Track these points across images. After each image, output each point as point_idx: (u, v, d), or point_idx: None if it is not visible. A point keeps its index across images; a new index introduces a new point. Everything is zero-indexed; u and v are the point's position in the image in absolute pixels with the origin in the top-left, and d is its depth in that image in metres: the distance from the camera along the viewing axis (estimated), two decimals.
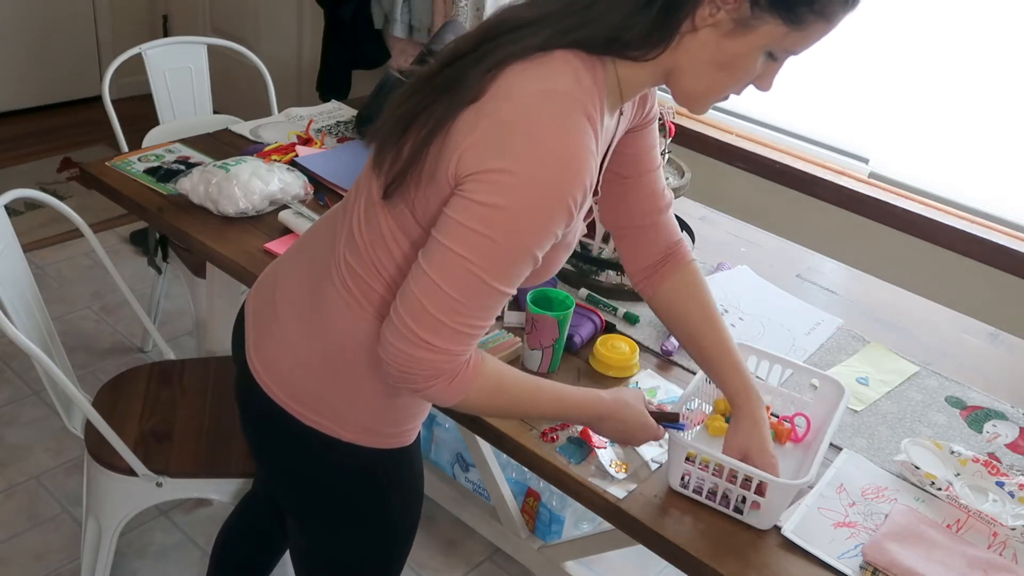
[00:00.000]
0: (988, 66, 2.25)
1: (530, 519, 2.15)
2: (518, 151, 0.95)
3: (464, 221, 0.97)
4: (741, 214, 2.25)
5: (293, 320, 1.18)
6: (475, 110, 0.98)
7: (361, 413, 1.18)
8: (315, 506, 1.28)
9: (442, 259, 0.98)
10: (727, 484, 1.24)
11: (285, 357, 1.18)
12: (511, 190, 0.95)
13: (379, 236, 1.09)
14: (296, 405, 1.18)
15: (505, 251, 0.98)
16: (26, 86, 4.20)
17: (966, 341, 1.80)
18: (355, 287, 1.12)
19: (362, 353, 1.13)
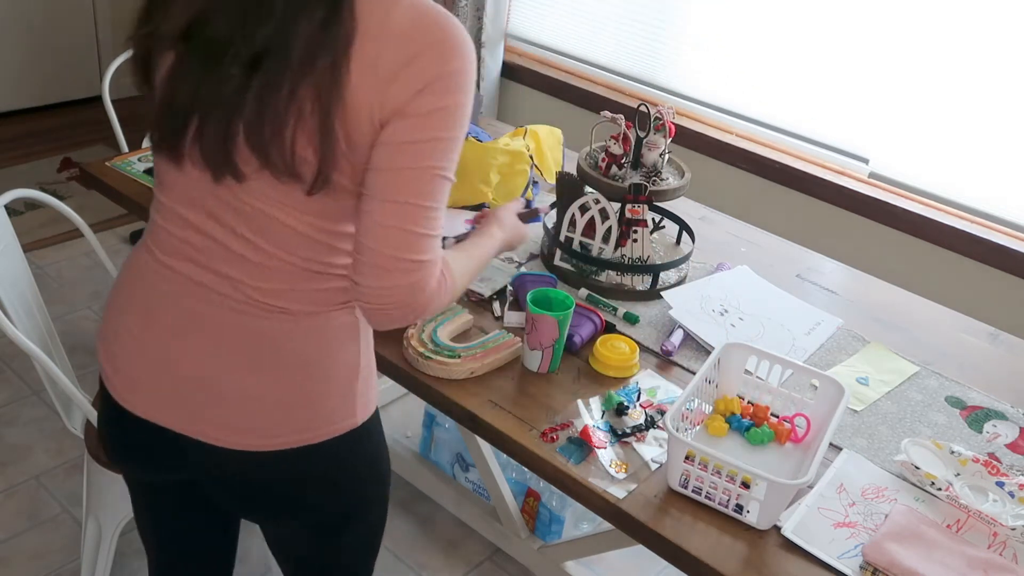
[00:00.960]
0: (988, 66, 2.26)
1: (530, 519, 2.15)
2: (439, 50, 0.98)
3: (423, 137, 0.99)
4: (741, 214, 2.25)
5: (245, 376, 1.10)
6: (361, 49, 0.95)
7: (362, 391, 1.18)
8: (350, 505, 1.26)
9: (415, 181, 1.00)
10: (726, 483, 1.24)
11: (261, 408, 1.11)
12: (455, 87, 0.99)
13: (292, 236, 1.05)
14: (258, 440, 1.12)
15: (459, 141, 1.02)
16: (26, 86, 4.20)
17: (966, 341, 1.80)
18: (267, 300, 1.08)
19: (337, 347, 1.14)
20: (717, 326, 1.67)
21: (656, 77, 2.96)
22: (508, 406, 1.42)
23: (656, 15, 2.88)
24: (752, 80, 2.73)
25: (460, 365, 1.46)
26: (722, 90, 2.81)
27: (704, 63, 2.82)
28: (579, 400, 1.46)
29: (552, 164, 2.17)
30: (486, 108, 3.21)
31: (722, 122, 2.83)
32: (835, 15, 2.47)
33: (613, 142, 1.80)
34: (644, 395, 1.49)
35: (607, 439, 1.38)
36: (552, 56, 3.23)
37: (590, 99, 3.00)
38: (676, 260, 1.82)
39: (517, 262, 1.84)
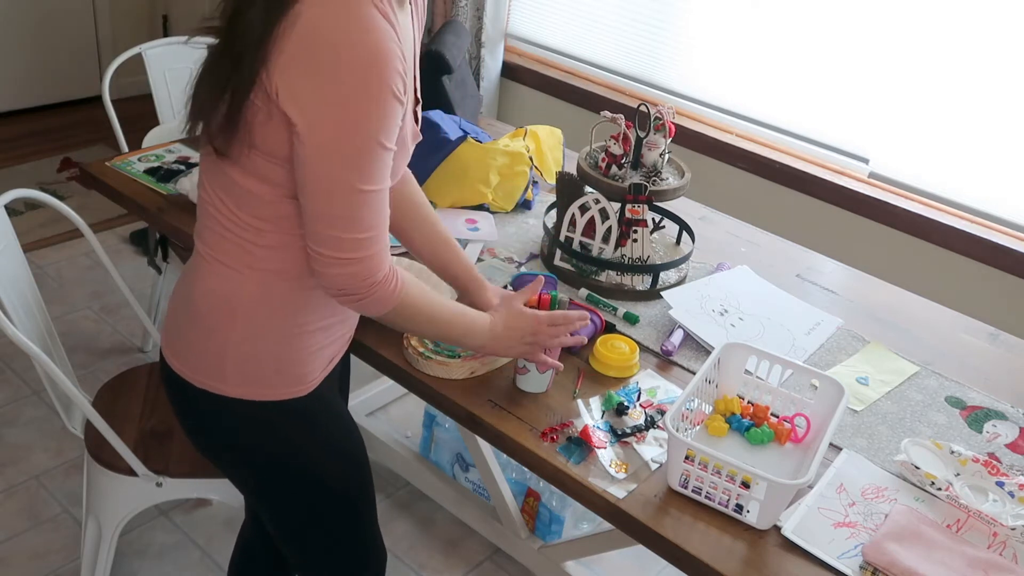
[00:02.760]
0: (988, 66, 2.26)
1: (530, 519, 2.15)
2: (332, 66, 1.04)
3: (313, 151, 1.08)
4: (741, 214, 2.25)
5: (176, 294, 1.31)
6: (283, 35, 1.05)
7: (236, 364, 1.23)
8: (247, 480, 1.36)
9: (316, 190, 1.10)
10: (726, 483, 1.24)
11: (170, 323, 1.30)
12: (342, 102, 1.05)
13: (225, 189, 1.19)
14: (182, 366, 1.27)
15: (358, 155, 1.09)
16: (26, 86, 4.20)
17: (966, 341, 1.80)
18: (210, 248, 1.22)
19: (215, 303, 1.22)
20: (717, 326, 1.67)
21: (656, 77, 2.96)
22: (508, 406, 1.42)
23: (656, 15, 2.88)
24: (752, 80, 2.72)
25: (460, 365, 1.46)
26: (722, 90, 2.81)
27: (704, 63, 2.82)
28: (579, 400, 1.46)
29: (552, 164, 2.17)
30: (486, 108, 3.21)
31: (722, 122, 2.83)
32: (835, 15, 2.47)
33: (613, 142, 1.80)
34: (644, 395, 1.49)
35: (607, 439, 1.38)
36: (552, 56, 3.23)
37: (590, 99, 3.00)
38: (676, 260, 1.82)
39: (517, 262, 1.84)
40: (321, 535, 1.40)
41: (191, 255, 1.29)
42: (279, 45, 1.05)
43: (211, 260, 1.23)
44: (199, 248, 1.25)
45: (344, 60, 1.04)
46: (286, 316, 1.24)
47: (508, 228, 1.97)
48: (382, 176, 1.13)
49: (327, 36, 1.04)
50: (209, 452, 1.38)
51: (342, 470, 1.37)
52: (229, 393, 1.25)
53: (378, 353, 1.50)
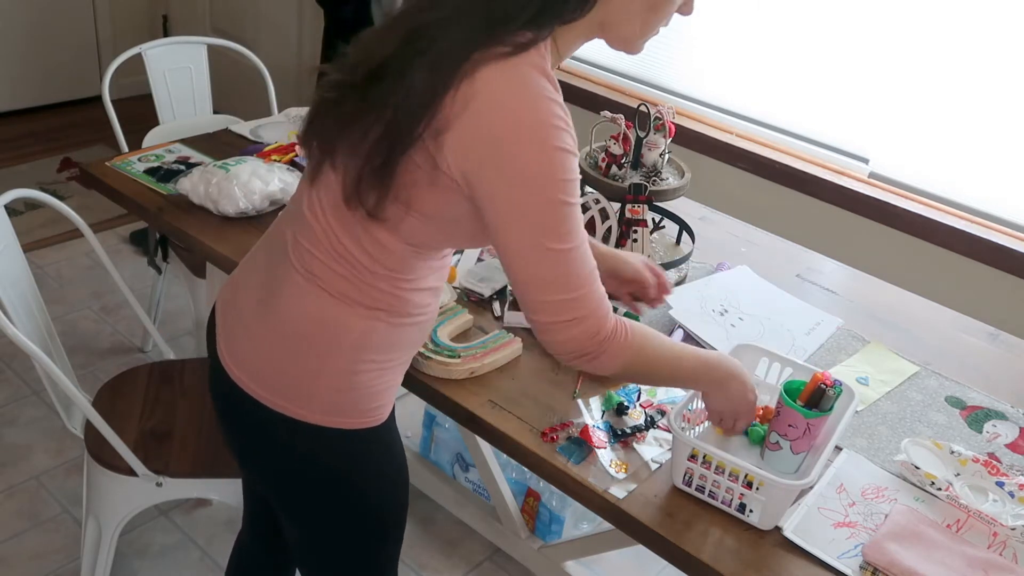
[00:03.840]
0: (988, 66, 2.25)
1: (530, 519, 2.15)
2: (511, 137, 1.03)
3: (498, 217, 1.06)
4: (741, 214, 2.25)
5: (250, 305, 1.23)
6: (460, 112, 1.02)
7: (324, 393, 1.20)
8: (298, 498, 1.30)
9: (512, 256, 1.08)
10: (729, 483, 1.24)
11: (246, 342, 1.23)
12: (520, 169, 1.03)
13: (348, 232, 1.14)
14: (259, 389, 1.21)
15: (543, 215, 1.06)
16: (26, 86, 4.20)
17: (966, 341, 1.80)
18: (317, 276, 1.17)
19: (318, 331, 1.18)
20: (717, 326, 1.67)
21: (656, 77, 2.96)
22: (508, 406, 1.42)
23: None
24: (752, 80, 2.72)
25: (460, 365, 1.46)
26: (722, 90, 2.81)
27: (704, 63, 2.82)
28: (579, 400, 1.46)
29: None
30: None
31: (722, 122, 2.83)
32: (835, 15, 2.47)
33: (613, 142, 1.80)
34: (644, 395, 1.49)
35: (607, 439, 1.38)
36: None
37: (590, 99, 3.00)
38: (676, 260, 1.82)
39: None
40: (353, 559, 1.38)
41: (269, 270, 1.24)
42: (447, 113, 1.03)
43: (317, 288, 1.17)
44: (300, 271, 1.18)
45: (522, 131, 1.03)
46: (381, 352, 1.22)
47: None
48: (575, 233, 1.08)
49: (505, 109, 1.03)
50: (264, 472, 1.32)
51: (393, 496, 1.35)
52: (310, 420, 1.21)
53: None
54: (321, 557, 1.37)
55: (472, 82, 1.02)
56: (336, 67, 1.14)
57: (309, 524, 1.33)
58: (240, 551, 1.65)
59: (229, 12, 4.12)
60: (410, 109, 1.03)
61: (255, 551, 1.62)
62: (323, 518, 1.31)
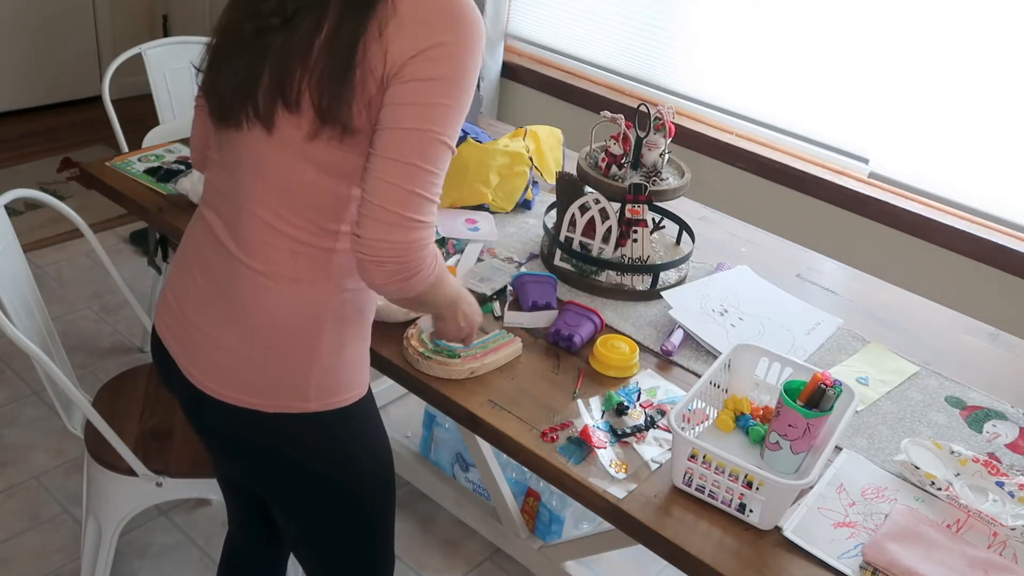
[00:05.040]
0: (988, 66, 2.26)
1: (530, 519, 2.15)
2: (448, 24, 1.05)
3: (422, 100, 1.06)
4: (741, 214, 2.25)
5: (210, 320, 1.21)
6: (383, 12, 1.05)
7: (318, 379, 1.20)
8: (302, 491, 1.30)
9: (415, 141, 1.07)
10: (729, 483, 1.24)
11: (221, 357, 1.20)
12: (450, 57, 1.06)
13: (296, 195, 1.13)
14: (251, 398, 1.19)
15: (459, 110, 1.09)
16: (26, 86, 4.20)
17: (966, 341, 1.80)
18: (276, 266, 1.16)
19: (298, 323, 1.18)
20: (717, 326, 1.67)
21: (656, 77, 2.96)
22: (508, 406, 1.42)
23: (656, 15, 2.88)
24: (752, 80, 2.72)
25: (460, 365, 1.46)
26: (722, 90, 2.81)
27: (704, 63, 2.82)
28: (579, 400, 1.46)
29: (552, 164, 2.17)
30: (486, 108, 3.21)
31: (722, 122, 2.83)
32: (835, 15, 2.47)
33: (613, 142, 1.80)
34: (644, 395, 1.49)
35: (607, 439, 1.38)
36: (552, 56, 3.23)
37: (590, 99, 3.00)
38: (676, 260, 1.82)
39: (517, 262, 1.84)
40: (361, 535, 1.39)
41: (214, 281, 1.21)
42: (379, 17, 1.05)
43: (283, 279, 1.16)
44: (255, 268, 1.16)
45: (460, 21, 1.06)
46: (356, 320, 1.23)
47: (508, 228, 1.97)
48: (456, 137, 1.12)
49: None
50: (264, 476, 1.30)
51: (387, 459, 1.36)
52: (308, 409, 1.20)
53: (378, 353, 1.50)
54: (328, 542, 1.37)
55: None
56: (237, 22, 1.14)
57: (315, 514, 1.33)
58: (233, 551, 1.65)
59: None
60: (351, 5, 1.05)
61: (250, 550, 1.62)
62: (329, 503, 1.32)
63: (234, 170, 1.17)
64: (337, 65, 1.06)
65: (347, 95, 1.07)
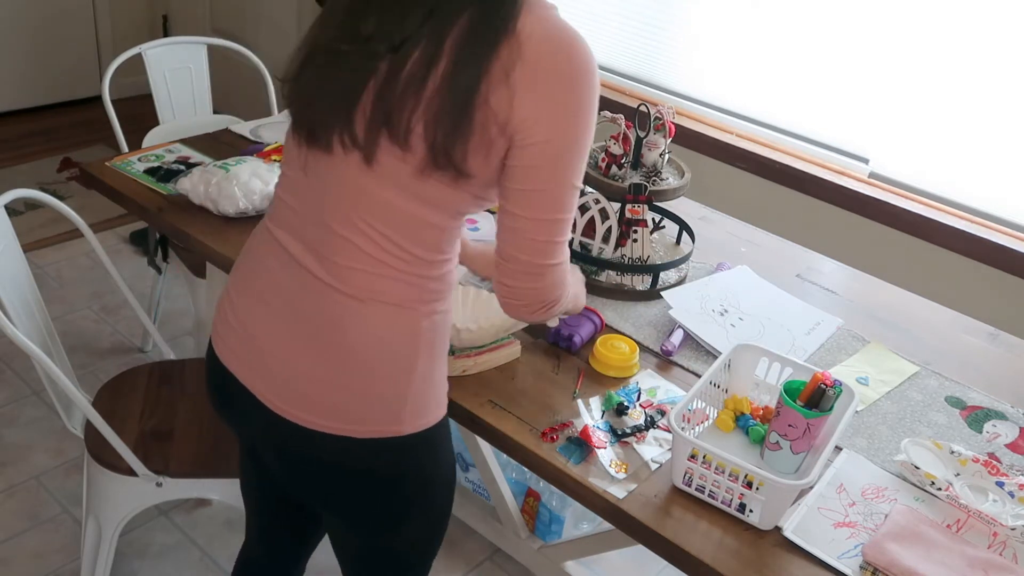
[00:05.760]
0: (988, 66, 2.25)
1: (530, 519, 2.15)
2: (577, 75, 1.04)
3: (555, 158, 1.06)
4: (741, 214, 2.25)
5: (296, 349, 1.16)
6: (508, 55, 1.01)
7: (413, 401, 1.17)
8: (384, 507, 1.25)
9: (552, 199, 1.08)
10: (729, 482, 1.24)
11: (307, 384, 1.16)
12: (574, 114, 1.05)
13: (396, 226, 1.10)
14: (344, 425, 1.16)
15: (587, 153, 1.10)
16: (26, 86, 4.20)
17: (966, 341, 1.80)
18: (370, 292, 1.12)
19: (396, 348, 1.14)
20: (717, 326, 1.67)
21: (656, 77, 2.96)
22: (508, 406, 1.42)
23: (656, 15, 2.88)
24: (752, 80, 2.72)
25: (452, 362, 1.46)
26: (722, 90, 2.81)
27: (704, 63, 2.82)
28: (579, 400, 1.46)
29: None
30: None
31: (722, 122, 2.83)
32: (835, 15, 2.47)
33: (613, 142, 1.80)
34: (644, 395, 1.49)
35: (607, 439, 1.38)
36: None
37: None
38: (676, 260, 1.82)
39: None
40: (420, 554, 1.37)
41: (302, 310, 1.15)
42: (503, 60, 1.02)
43: (380, 304, 1.13)
44: (349, 293, 1.12)
45: (588, 79, 1.05)
46: (443, 341, 1.21)
47: None
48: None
49: (561, 46, 1.03)
50: (360, 497, 1.24)
51: (455, 478, 1.34)
52: (405, 431, 1.18)
53: None
54: (397, 557, 1.35)
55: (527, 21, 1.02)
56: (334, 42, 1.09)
57: (391, 532, 1.29)
58: (249, 564, 1.60)
59: (229, 12, 4.12)
60: (469, 56, 1.01)
61: (270, 568, 1.58)
62: (409, 522, 1.28)
63: (323, 195, 1.13)
64: (456, 107, 1.02)
65: (464, 140, 1.03)
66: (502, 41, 1.01)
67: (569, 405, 1.44)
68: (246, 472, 1.47)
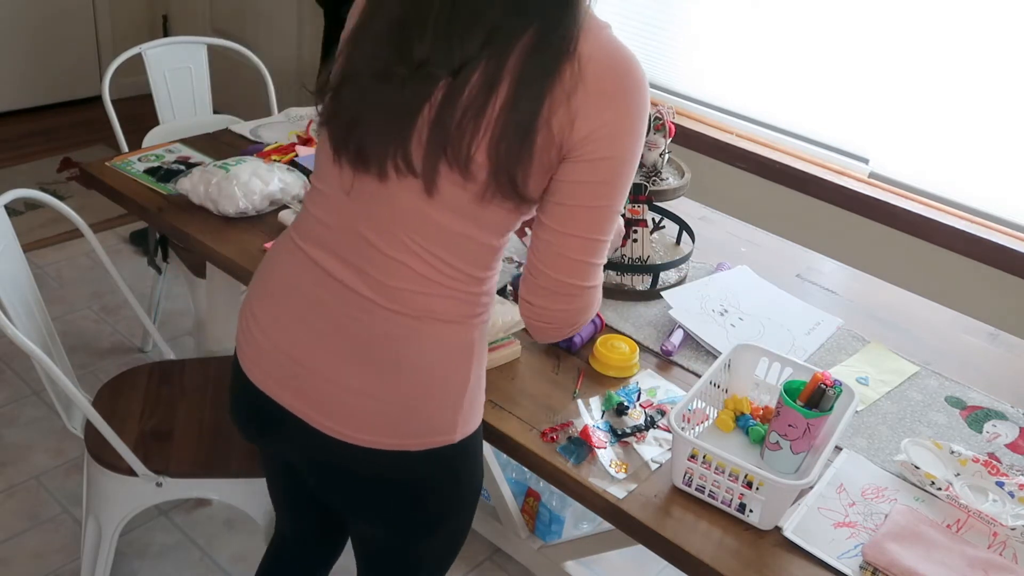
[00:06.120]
0: (988, 66, 2.26)
1: (530, 519, 2.15)
2: (632, 97, 1.03)
3: (603, 178, 1.05)
4: (741, 214, 2.25)
5: (346, 369, 1.14)
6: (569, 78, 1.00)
7: (465, 411, 1.18)
8: (434, 512, 1.25)
9: (595, 219, 1.08)
10: (729, 482, 1.24)
11: (357, 401, 1.14)
12: (628, 133, 1.04)
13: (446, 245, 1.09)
14: (394, 439, 1.15)
15: (632, 175, 1.09)
16: (26, 86, 4.20)
17: (966, 341, 1.80)
18: (422, 310, 1.12)
19: (451, 363, 1.15)
20: (717, 326, 1.67)
21: (656, 77, 2.96)
22: (508, 406, 1.42)
23: (656, 15, 2.88)
24: (752, 80, 2.72)
25: None
26: (722, 90, 2.81)
27: (704, 63, 2.82)
28: (579, 400, 1.46)
29: None
30: None
31: (722, 122, 2.83)
32: (835, 15, 2.47)
33: None
34: (644, 395, 1.49)
35: (607, 439, 1.38)
36: None
37: None
38: (676, 260, 1.82)
39: (517, 262, 1.84)
40: (451, 552, 1.38)
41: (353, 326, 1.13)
42: (565, 83, 1.01)
43: (436, 322, 1.12)
44: (405, 313, 1.11)
45: (639, 98, 1.04)
46: (486, 348, 1.21)
47: None
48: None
49: (620, 69, 1.03)
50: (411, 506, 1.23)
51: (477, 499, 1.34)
52: (456, 439, 1.18)
53: None
54: (434, 557, 1.36)
55: (586, 43, 1.02)
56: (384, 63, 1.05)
57: (435, 535, 1.29)
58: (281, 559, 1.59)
59: (229, 12, 4.12)
60: (532, 82, 1.00)
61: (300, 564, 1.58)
62: (454, 523, 1.29)
63: (369, 217, 1.11)
64: (518, 133, 1.00)
65: (526, 165, 1.02)
66: (564, 64, 1.00)
67: (569, 405, 1.44)
68: (275, 479, 1.46)
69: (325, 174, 1.15)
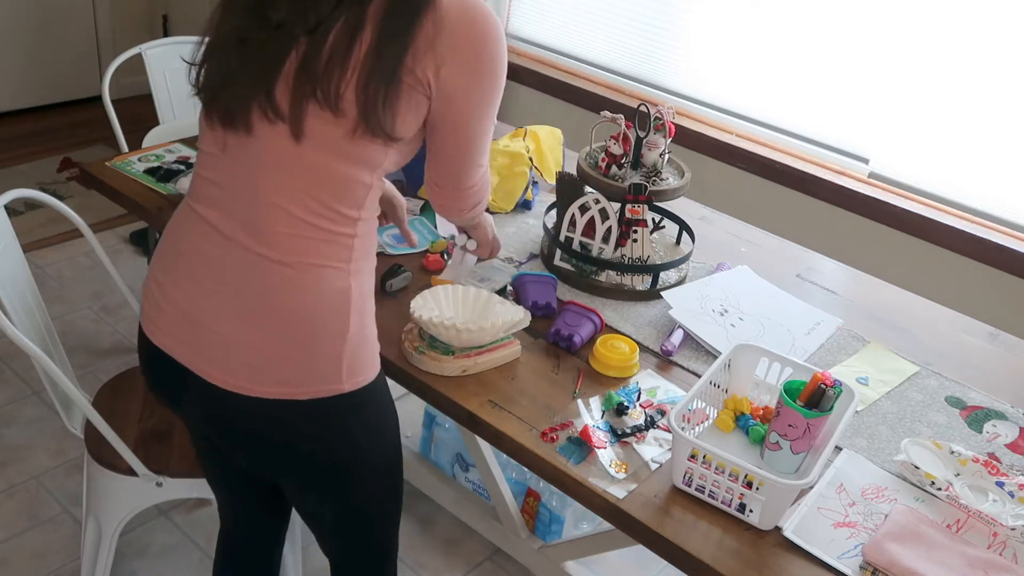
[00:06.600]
0: (988, 66, 2.26)
1: (530, 519, 2.15)
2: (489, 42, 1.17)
3: (473, 108, 1.21)
4: (741, 214, 2.25)
5: (230, 319, 1.19)
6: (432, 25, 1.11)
7: (348, 360, 1.21)
8: (340, 468, 1.31)
9: (467, 140, 1.26)
10: (729, 482, 1.24)
11: (247, 353, 1.19)
12: (494, 72, 1.21)
13: (321, 186, 1.16)
14: (280, 388, 1.19)
15: (498, 102, 1.26)
16: (26, 86, 4.20)
17: (966, 341, 1.80)
18: (299, 255, 1.17)
19: (328, 309, 1.19)
20: (717, 326, 1.67)
21: (656, 77, 2.96)
22: (508, 406, 1.42)
23: (656, 15, 2.88)
24: (752, 80, 2.72)
25: (452, 362, 1.46)
26: (722, 90, 2.81)
27: (704, 63, 2.82)
28: (579, 400, 1.46)
29: (552, 164, 2.17)
30: None
31: (722, 122, 2.83)
32: (835, 15, 2.47)
33: (613, 142, 1.80)
34: (644, 395, 1.49)
35: (607, 439, 1.38)
36: (552, 56, 3.23)
37: (590, 99, 3.00)
38: (676, 260, 1.82)
39: (517, 262, 1.84)
40: (383, 514, 1.42)
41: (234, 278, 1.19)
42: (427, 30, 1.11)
43: (309, 267, 1.17)
44: (278, 260, 1.17)
45: (497, 42, 1.19)
46: (370, 299, 1.26)
47: (508, 228, 1.97)
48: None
49: (477, 17, 1.14)
50: (315, 461, 1.29)
51: (398, 429, 1.38)
52: (344, 390, 1.22)
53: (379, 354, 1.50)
54: (362, 518, 1.40)
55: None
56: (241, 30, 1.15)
57: (352, 492, 1.35)
58: (231, 547, 1.63)
59: None
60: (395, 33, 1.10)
61: (249, 544, 1.61)
62: (366, 479, 1.34)
63: (250, 168, 1.17)
64: (384, 76, 1.10)
65: (393, 105, 1.12)
66: (425, 13, 1.10)
67: (569, 405, 1.44)
68: (203, 458, 1.51)
69: (204, 137, 1.23)
